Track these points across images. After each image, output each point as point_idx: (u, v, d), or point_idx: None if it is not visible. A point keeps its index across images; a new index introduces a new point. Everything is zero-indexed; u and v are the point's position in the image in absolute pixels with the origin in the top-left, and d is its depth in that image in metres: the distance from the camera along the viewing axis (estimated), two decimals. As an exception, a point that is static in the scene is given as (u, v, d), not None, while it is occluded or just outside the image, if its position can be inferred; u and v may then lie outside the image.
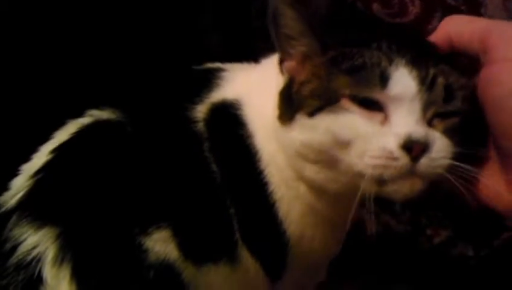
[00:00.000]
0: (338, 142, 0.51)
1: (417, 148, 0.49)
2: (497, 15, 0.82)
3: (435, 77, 0.51)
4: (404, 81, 0.50)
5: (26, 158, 0.59)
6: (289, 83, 0.57)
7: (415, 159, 0.49)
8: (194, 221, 0.56)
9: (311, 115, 0.53)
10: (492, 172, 0.53)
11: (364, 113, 0.51)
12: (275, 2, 0.55)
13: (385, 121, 0.51)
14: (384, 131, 0.50)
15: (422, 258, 0.99)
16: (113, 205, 0.54)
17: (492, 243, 0.96)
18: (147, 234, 0.53)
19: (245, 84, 0.63)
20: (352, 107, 0.51)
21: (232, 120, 0.60)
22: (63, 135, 0.59)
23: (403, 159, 0.49)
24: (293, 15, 0.55)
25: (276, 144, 0.58)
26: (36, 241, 0.51)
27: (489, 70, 0.50)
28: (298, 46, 0.56)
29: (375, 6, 0.88)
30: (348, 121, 0.51)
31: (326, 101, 0.52)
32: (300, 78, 0.56)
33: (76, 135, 0.58)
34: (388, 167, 0.49)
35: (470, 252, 0.98)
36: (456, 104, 0.52)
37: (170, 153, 0.58)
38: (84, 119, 0.60)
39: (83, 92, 0.68)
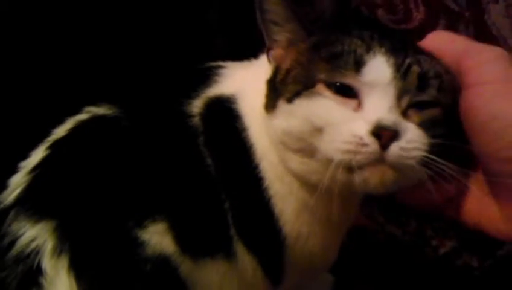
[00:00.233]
0: (313, 128, 0.52)
1: (386, 134, 0.49)
2: (500, 21, 0.83)
3: (410, 65, 0.51)
4: (379, 68, 0.51)
5: (25, 156, 0.59)
6: (275, 71, 0.58)
7: (385, 146, 0.49)
8: (189, 214, 0.56)
9: (290, 100, 0.54)
10: (482, 197, 0.53)
11: (338, 99, 0.51)
12: None
13: (358, 107, 0.51)
14: (356, 117, 0.50)
15: (427, 268, 0.98)
16: (109, 197, 0.54)
17: (496, 254, 0.95)
18: (142, 227, 0.53)
19: (242, 80, 0.63)
20: (326, 93, 0.52)
21: (227, 113, 0.60)
22: (60, 132, 0.60)
23: (372, 145, 0.49)
24: (277, 0, 0.56)
25: (268, 138, 0.58)
26: (34, 235, 0.52)
27: (467, 95, 0.50)
28: (283, 32, 0.57)
29: (380, 12, 0.89)
30: (321, 106, 0.52)
31: (304, 86, 0.53)
32: (285, 65, 0.57)
33: (72, 131, 0.59)
34: (357, 153, 0.49)
35: (474, 262, 0.96)
36: (431, 92, 0.52)
37: (166, 147, 0.58)
38: (81, 116, 0.60)
39: (83, 91, 0.68)
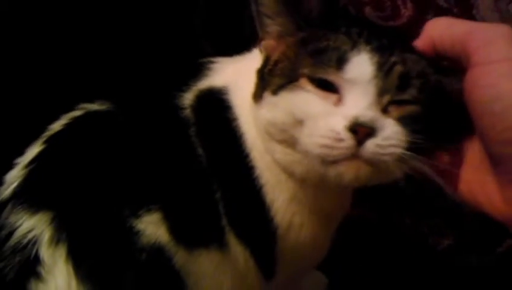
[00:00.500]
0: (295, 120, 0.52)
1: (362, 131, 0.49)
2: (489, 16, 0.82)
3: (394, 64, 0.51)
4: (361, 65, 0.51)
5: (21, 154, 0.60)
6: (265, 62, 0.59)
7: (360, 142, 0.49)
8: (182, 204, 0.56)
9: (274, 92, 0.55)
10: (480, 175, 0.52)
11: (320, 93, 0.52)
12: None
13: (339, 103, 0.51)
14: (336, 111, 0.51)
15: (423, 266, 0.97)
16: (104, 188, 0.54)
17: (495, 251, 0.95)
18: (137, 217, 0.53)
19: (234, 72, 0.64)
20: (308, 87, 0.52)
21: (218, 104, 0.61)
22: (55, 127, 0.60)
23: (348, 140, 0.49)
24: None
25: (256, 128, 0.59)
26: (32, 226, 0.52)
27: (472, 75, 0.49)
28: (274, 25, 0.58)
29: (368, 9, 0.88)
30: (303, 100, 0.52)
31: (288, 79, 0.54)
32: (274, 57, 0.58)
33: (67, 126, 0.60)
34: (334, 148, 0.49)
35: (472, 260, 0.96)
36: (412, 92, 0.52)
37: (157, 139, 0.58)
38: (76, 112, 0.61)
39: (78, 90, 0.69)
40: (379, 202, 0.96)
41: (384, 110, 0.51)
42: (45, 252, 0.51)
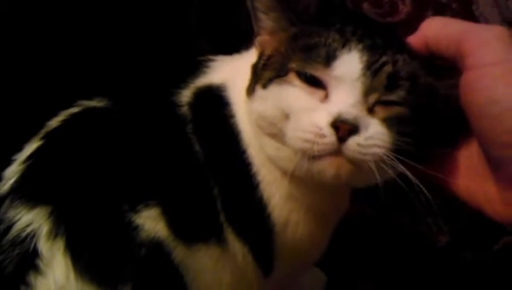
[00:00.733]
0: (282, 114, 0.53)
1: (344, 128, 0.49)
2: (488, 11, 0.82)
3: (383, 64, 0.52)
4: (349, 63, 0.51)
5: (19, 150, 0.60)
6: (260, 57, 0.59)
7: (342, 139, 0.49)
8: (180, 200, 0.57)
9: (264, 86, 0.56)
10: (479, 176, 0.52)
11: (307, 88, 0.52)
12: None
13: (325, 99, 0.52)
14: (321, 107, 0.51)
15: (421, 264, 0.97)
16: (103, 183, 0.55)
17: (492, 248, 0.95)
18: (136, 211, 0.54)
19: (232, 70, 0.64)
20: (296, 81, 0.53)
21: (215, 101, 0.61)
22: (52, 124, 0.60)
23: (330, 137, 0.49)
24: None
25: (250, 123, 0.59)
26: (30, 220, 0.52)
27: (468, 77, 0.49)
28: (267, 20, 0.59)
29: (366, 5, 0.88)
30: (290, 94, 0.53)
31: (277, 74, 0.55)
32: (267, 52, 0.58)
33: (64, 122, 0.60)
34: (315, 143, 0.50)
35: (469, 257, 0.96)
36: (400, 94, 0.52)
37: (156, 135, 0.59)
38: (73, 109, 0.61)
39: (77, 88, 0.69)
40: (377, 199, 0.96)
41: (371, 110, 0.51)
42: (43, 245, 0.51)
